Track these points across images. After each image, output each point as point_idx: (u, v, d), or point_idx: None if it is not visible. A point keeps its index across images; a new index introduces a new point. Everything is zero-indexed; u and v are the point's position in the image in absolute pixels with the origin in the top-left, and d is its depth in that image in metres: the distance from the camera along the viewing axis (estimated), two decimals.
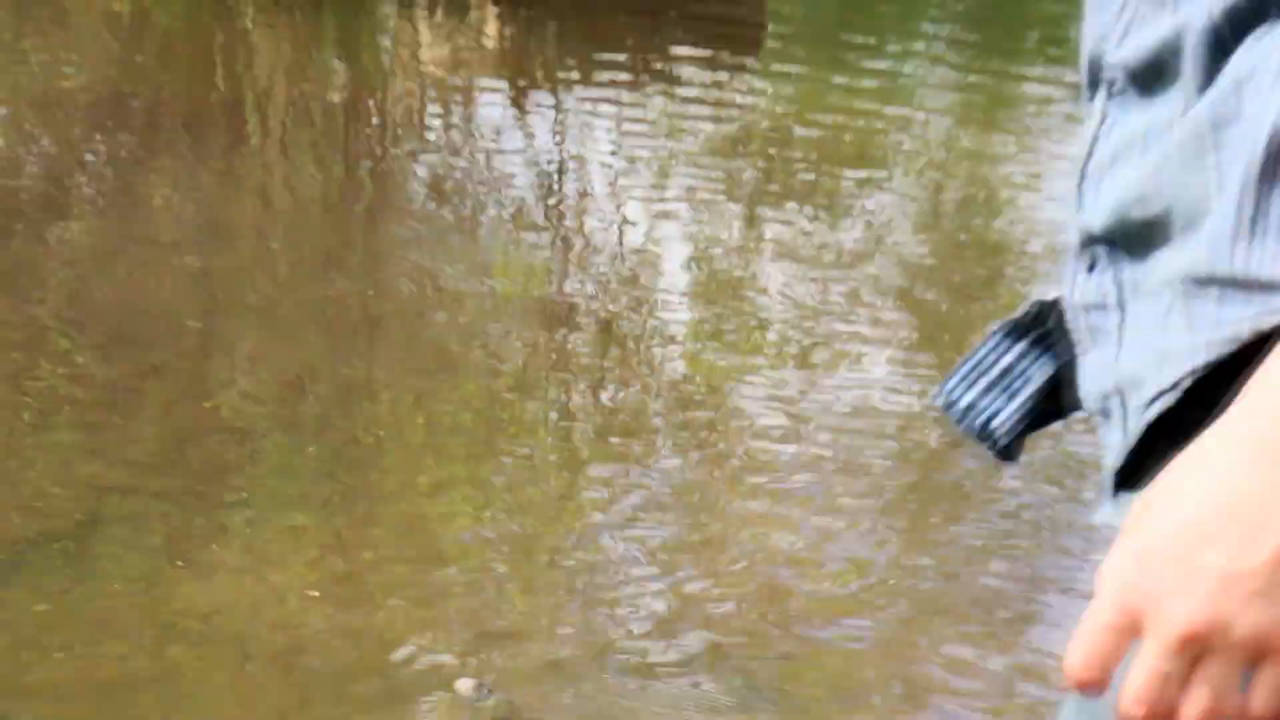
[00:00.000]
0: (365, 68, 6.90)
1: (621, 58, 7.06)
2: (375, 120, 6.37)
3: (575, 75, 6.87)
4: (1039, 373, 1.09)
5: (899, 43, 7.89)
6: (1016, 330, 1.11)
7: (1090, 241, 1.00)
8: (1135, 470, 0.91)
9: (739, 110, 6.67)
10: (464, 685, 3.01)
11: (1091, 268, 1.00)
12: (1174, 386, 0.89)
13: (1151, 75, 0.95)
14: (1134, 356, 0.96)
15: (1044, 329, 1.09)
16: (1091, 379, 0.99)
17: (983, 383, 1.11)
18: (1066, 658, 0.78)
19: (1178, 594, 0.79)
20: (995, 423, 1.09)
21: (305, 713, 3.05)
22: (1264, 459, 0.77)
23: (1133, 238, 0.99)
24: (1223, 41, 0.91)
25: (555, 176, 5.90)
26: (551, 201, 5.69)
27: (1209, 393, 0.84)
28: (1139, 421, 0.91)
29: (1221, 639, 0.78)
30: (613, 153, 6.01)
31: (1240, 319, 0.86)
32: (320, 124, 6.16)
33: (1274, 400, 0.79)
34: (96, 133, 5.74)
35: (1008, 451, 1.09)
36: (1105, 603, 0.79)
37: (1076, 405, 1.02)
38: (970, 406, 1.11)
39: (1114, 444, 0.94)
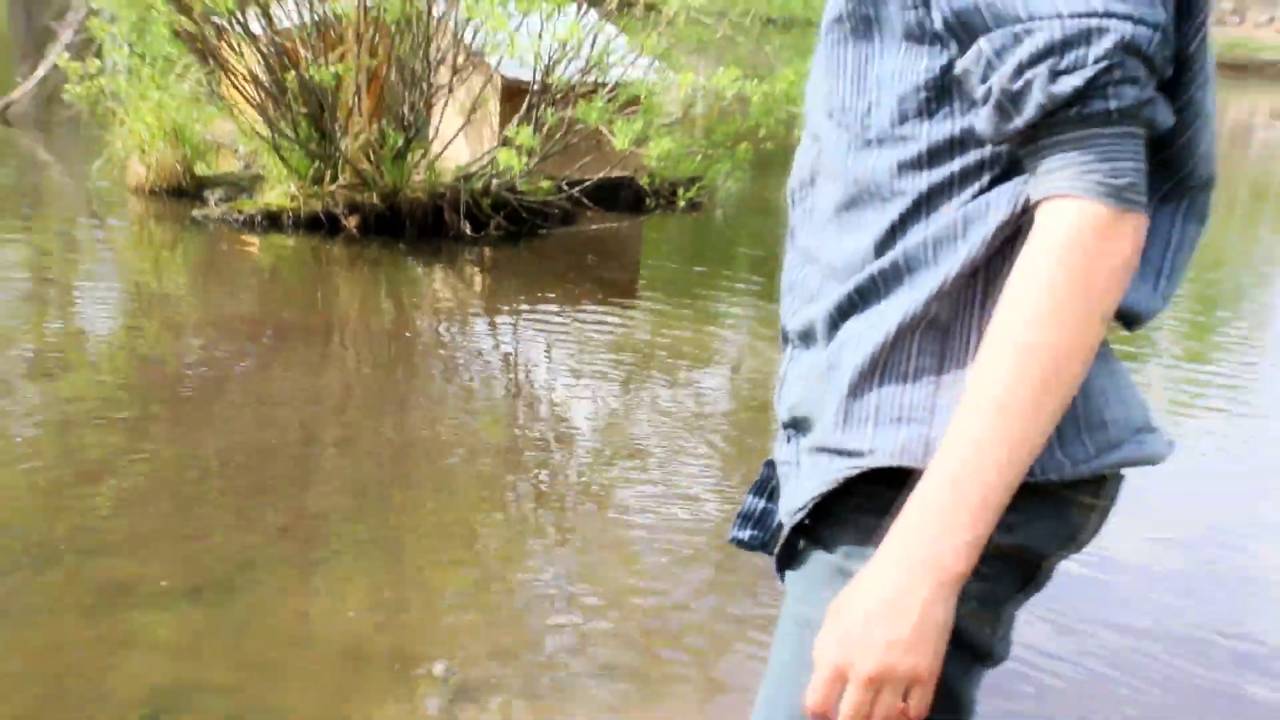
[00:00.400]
0: (404, 302, 7.61)
1: (553, 296, 7.82)
2: (408, 332, 7.12)
3: (525, 307, 7.63)
4: (774, 508, 1.65)
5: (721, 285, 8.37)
6: (758, 486, 1.71)
7: (783, 426, 1.59)
8: (792, 553, 1.55)
9: (620, 326, 7.43)
10: (438, 668, 3.53)
11: (787, 441, 1.59)
12: (803, 508, 1.49)
13: (808, 338, 1.55)
14: (788, 496, 1.56)
15: (772, 480, 1.66)
16: (785, 503, 1.54)
17: (749, 522, 1.70)
18: (806, 701, 1.34)
19: (862, 657, 1.31)
20: (766, 542, 1.68)
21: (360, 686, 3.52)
22: (899, 575, 1.31)
23: (799, 424, 1.56)
24: (834, 321, 1.50)
25: (512, 363, 6.80)
26: (511, 378, 6.60)
27: (842, 497, 1.45)
28: (788, 526, 1.52)
29: (889, 678, 1.31)
30: (546, 350, 6.91)
31: (839, 470, 1.45)
32: (376, 333, 7.02)
33: (898, 547, 1.32)
34: (247, 340, 6.55)
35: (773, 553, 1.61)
36: (823, 667, 1.34)
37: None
38: (748, 539, 1.70)
39: (786, 539, 1.54)
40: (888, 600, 1.30)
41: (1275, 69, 31.63)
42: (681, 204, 9.33)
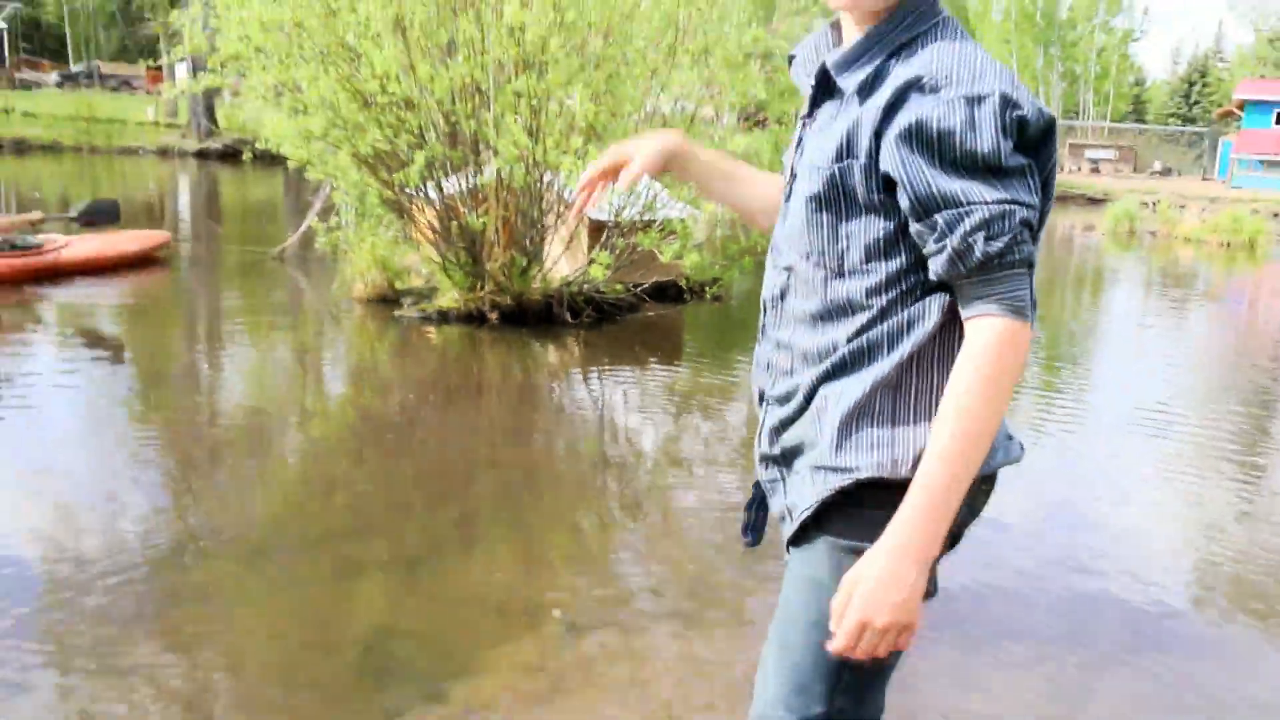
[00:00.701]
0: (529, 367, 7.52)
1: (626, 360, 7.75)
2: (532, 388, 7.06)
3: (608, 368, 7.50)
4: (764, 515, 1.70)
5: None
6: (750, 503, 1.72)
7: (763, 457, 1.63)
8: (800, 539, 1.55)
9: (670, 378, 7.36)
10: (556, 613, 3.49)
11: (766, 468, 1.62)
12: (809, 507, 1.51)
13: (787, 399, 1.57)
14: (794, 498, 1.56)
15: (759, 497, 1.69)
16: (790, 501, 1.56)
17: (749, 530, 1.73)
18: (834, 645, 1.42)
19: (878, 614, 1.39)
20: (757, 537, 1.72)
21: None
22: (899, 557, 1.38)
23: (788, 453, 1.58)
24: (815, 386, 1.52)
25: (601, 405, 6.70)
26: (601, 415, 6.50)
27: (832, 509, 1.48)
28: (798, 520, 1.53)
29: (894, 626, 1.39)
30: (623, 396, 6.81)
31: (837, 481, 1.49)
32: (511, 388, 7.03)
33: (896, 537, 1.38)
34: (429, 394, 6.54)
35: (755, 539, 1.72)
36: (849, 621, 1.40)
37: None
38: (752, 541, 1.73)
39: (787, 530, 1.57)
40: (892, 574, 1.40)
41: (1084, 199, 31.93)
42: (709, 297, 9.53)
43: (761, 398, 1.63)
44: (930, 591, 1.48)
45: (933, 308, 1.48)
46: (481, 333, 8.11)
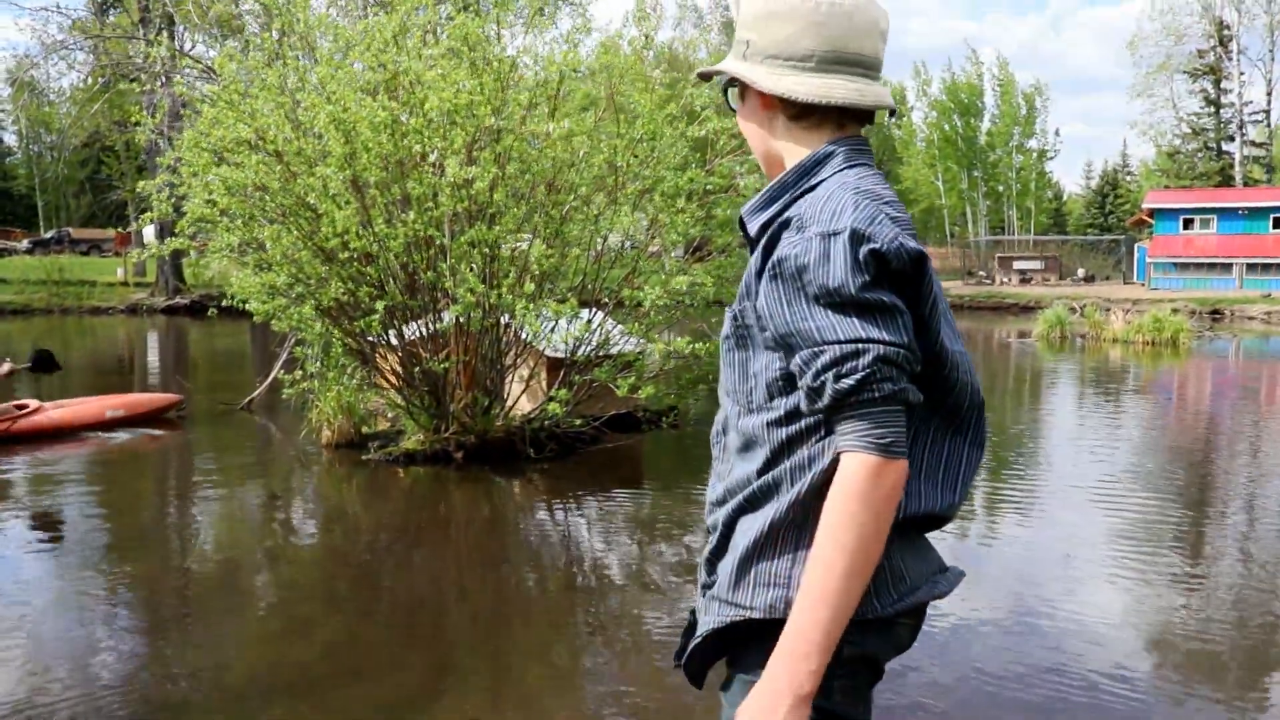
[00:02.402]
0: (495, 502, 7.47)
1: (588, 489, 7.59)
2: (498, 519, 7.03)
3: (571, 497, 7.46)
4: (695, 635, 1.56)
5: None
6: (685, 630, 1.62)
7: (701, 587, 1.58)
8: (727, 681, 1.51)
9: (632, 504, 7.31)
10: None
11: (702, 594, 1.58)
12: (701, 636, 1.50)
13: (713, 530, 1.56)
14: (702, 627, 1.53)
15: (694, 622, 1.60)
16: (700, 629, 1.53)
17: (681, 646, 1.61)
18: None
19: None
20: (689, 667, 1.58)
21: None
22: (771, 695, 1.35)
23: (706, 587, 1.56)
24: (733, 520, 1.51)
25: (565, 532, 6.71)
26: (566, 538, 6.51)
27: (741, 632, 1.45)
28: (690, 649, 1.55)
29: None
30: (587, 523, 6.81)
31: (726, 616, 1.47)
32: (478, 521, 6.96)
33: (770, 675, 1.36)
34: (399, 532, 6.52)
35: (696, 680, 1.60)
36: None
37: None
38: (678, 656, 1.62)
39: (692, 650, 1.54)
40: (763, 710, 1.37)
41: (1016, 307, 32.60)
42: (666, 425, 9.52)
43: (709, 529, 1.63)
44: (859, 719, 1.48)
45: (829, 448, 1.43)
46: (448, 472, 8.08)
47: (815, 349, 1.37)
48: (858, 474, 1.35)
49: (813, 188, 1.47)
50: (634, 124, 8.05)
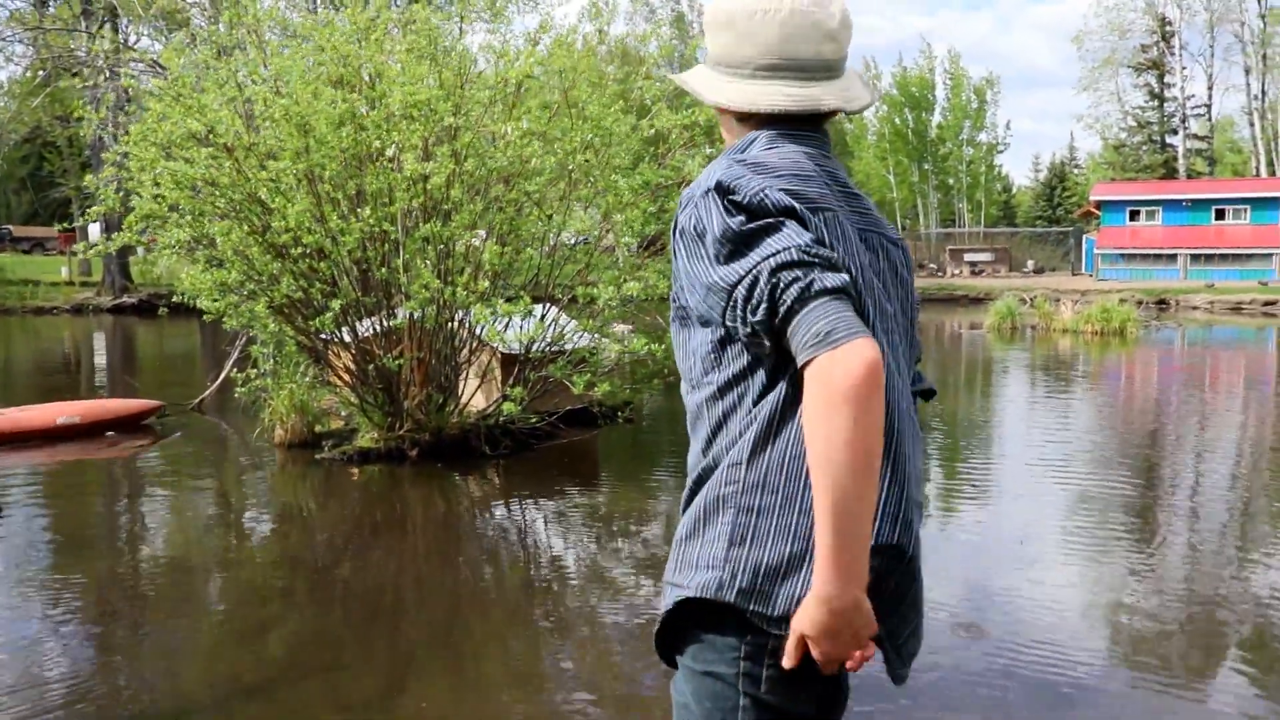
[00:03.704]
0: (449, 498, 7.46)
1: (543, 485, 7.62)
2: (454, 516, 7.02)
3: (527, 493, 7.46)
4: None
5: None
6: None
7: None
8: (662, 646, 1.52)
9: (587, 498, 7.35)
10: None
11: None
12: (658, 622, 1.52)
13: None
14: (664, 600, 1.52)
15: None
16: (668, 599, 1.50)
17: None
18: (785, 659, 1.38)
19: (841, 651, 1.38)
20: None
21: None
22: (814, 610, 1.34)
23: (666, 570, 1.52)
24: (688, 501, 1.51)
25: (520, 526, 6.69)
26: (521, 533, 6.50)
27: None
28: (654, 639, 1.54)
29: (856, 646, 1.38)
30: (543, 518, 6.81)
31: (673, 597, 1.48)
32: (433, 518, 6.94)
33: (813, 600, 1.34)
34: (353, 530, 6.47)
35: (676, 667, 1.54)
36: (794, 638, 1.38)
37: None
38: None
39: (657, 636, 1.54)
40: (810, 616, 1.37)
41: (967, 299, 33.00)
42: (621, 420, 9.57)
43: None
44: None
45: (754, 427, 1.43)
46: (402, 470, 8.01)
47: (729, 300, 1.38)
48: (814, 382, 1.31)
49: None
50: (584, 124, 8.03)
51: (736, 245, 1.37)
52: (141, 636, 4.68)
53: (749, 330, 1.37)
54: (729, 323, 1.39)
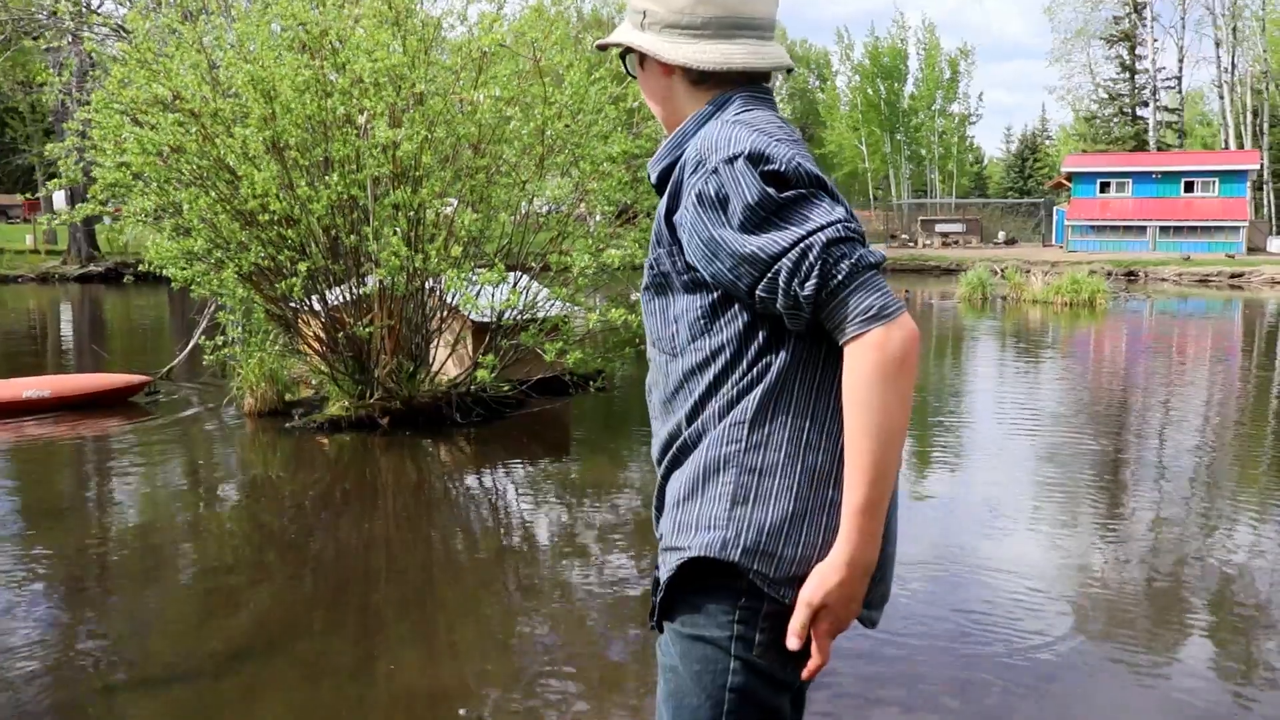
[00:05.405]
0: (421, 466, 7.42)
1: (516, 453, 7.68)
2: (425, 484, 7.02)
3: (499, 461, 7.50)
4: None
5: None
6: (654, 586, 1.56)
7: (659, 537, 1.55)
8: (661, 615, 1.50)
9: (558, 466, 7.40)
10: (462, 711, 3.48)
11: (660, 551, 1.54)
12: (660, 591, 1.51)
13: (661, 480, 1.55)
14: (663, 566, 1.51)
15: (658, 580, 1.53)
16: (662, 572, 1.51)
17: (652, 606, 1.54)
18: (790, 640, 1.38)
19: (836, 607, 1.40)
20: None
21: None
22: (832, 572, 1.38)
23: (663, 536, 1.53)
24: (669, 471, 1.53)
25: (493, 495, 6.70)
26: (493, 501, 6.52)
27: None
28: (654, 606, 1.53)
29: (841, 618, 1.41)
30: (515, 486, 6.82)
31: (675, 560, 1.47)
32: (405, 486, 6.93)
33: (839, 555, 1.38)
34: (325, 498, 6.52)
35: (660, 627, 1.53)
36: (803, 612, 1.39)
37: None
38: (651, 615, 1.57)
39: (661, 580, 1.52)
40: (826, 582, 1.40)
41: (938, 269, 33.16)
42: (593, 389, 9.47)
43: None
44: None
45: (757, 388, 1.45)
46: (373, 438, 7.98)
47: (769, 270, 1.37)
48: (873, 352, 1.34)
49: (699, 131, 1.50)
50: (561, 90, 7.97)
51: (771, 215, 1.36)
52: (110, 606, 4.64)
53: (790, 301, 1.37)
54: (763, 293, 1.39)
